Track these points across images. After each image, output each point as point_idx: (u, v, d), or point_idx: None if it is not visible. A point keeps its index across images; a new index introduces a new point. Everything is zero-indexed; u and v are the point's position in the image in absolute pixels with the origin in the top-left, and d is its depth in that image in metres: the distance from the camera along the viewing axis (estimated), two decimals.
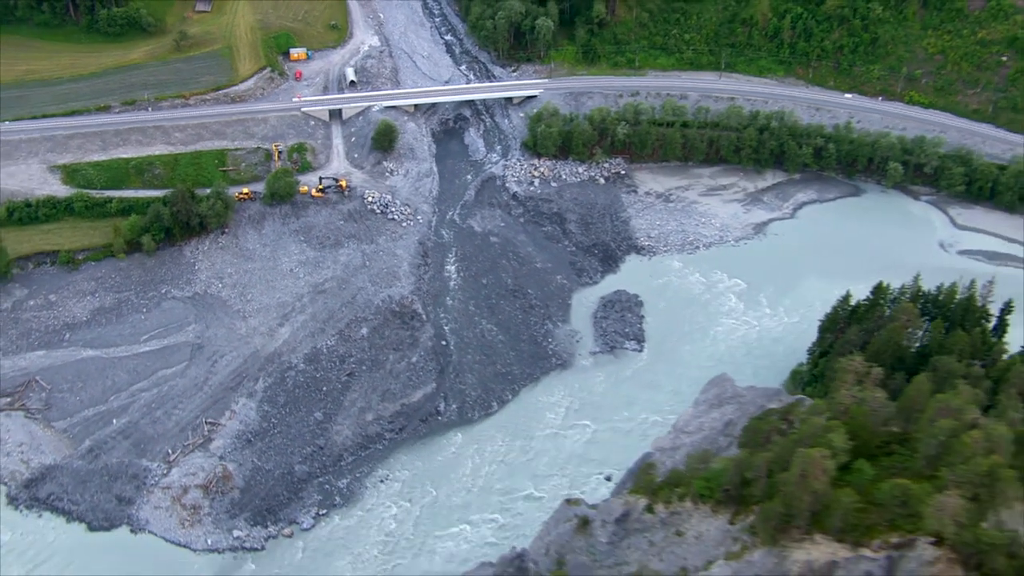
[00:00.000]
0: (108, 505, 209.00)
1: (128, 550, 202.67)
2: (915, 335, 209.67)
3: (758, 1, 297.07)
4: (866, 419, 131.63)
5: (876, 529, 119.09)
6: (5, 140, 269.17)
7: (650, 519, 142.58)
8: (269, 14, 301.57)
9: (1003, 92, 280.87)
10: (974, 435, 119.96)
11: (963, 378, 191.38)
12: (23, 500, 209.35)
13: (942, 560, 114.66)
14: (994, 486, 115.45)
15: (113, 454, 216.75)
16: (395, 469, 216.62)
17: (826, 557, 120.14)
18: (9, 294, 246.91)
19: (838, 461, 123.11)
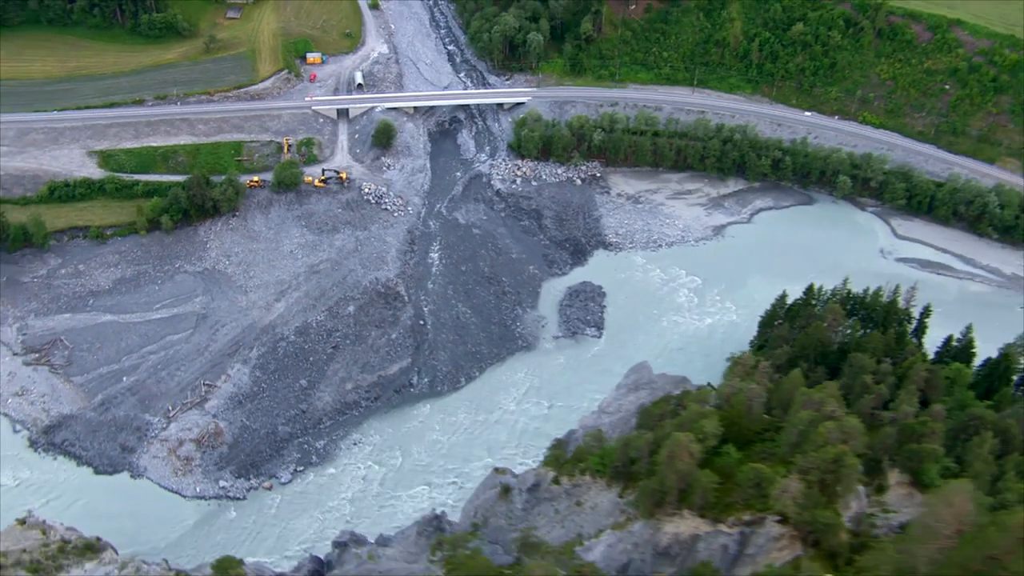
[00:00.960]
0: (113, 452, 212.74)
1: (127, 492, 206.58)
2: (841, 333, 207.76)
3: (731, 25, 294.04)
4: (743, 408, 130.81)
5: (733, 507, 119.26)
6: (53, 127, 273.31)
7: (556, 490, 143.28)
8: (291, 22, 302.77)
9: (944, 117, 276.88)
10: (828, 426, 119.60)
11: (872, 374, 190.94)
12: (41, 444, 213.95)
13: (786, 537, 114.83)
14: (839, 472, 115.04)
15: (121, 408, 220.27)
16: (368, 434, 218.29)
17: (691, 530, 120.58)
18: (44, 262, 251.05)
19: (707, 445, 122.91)
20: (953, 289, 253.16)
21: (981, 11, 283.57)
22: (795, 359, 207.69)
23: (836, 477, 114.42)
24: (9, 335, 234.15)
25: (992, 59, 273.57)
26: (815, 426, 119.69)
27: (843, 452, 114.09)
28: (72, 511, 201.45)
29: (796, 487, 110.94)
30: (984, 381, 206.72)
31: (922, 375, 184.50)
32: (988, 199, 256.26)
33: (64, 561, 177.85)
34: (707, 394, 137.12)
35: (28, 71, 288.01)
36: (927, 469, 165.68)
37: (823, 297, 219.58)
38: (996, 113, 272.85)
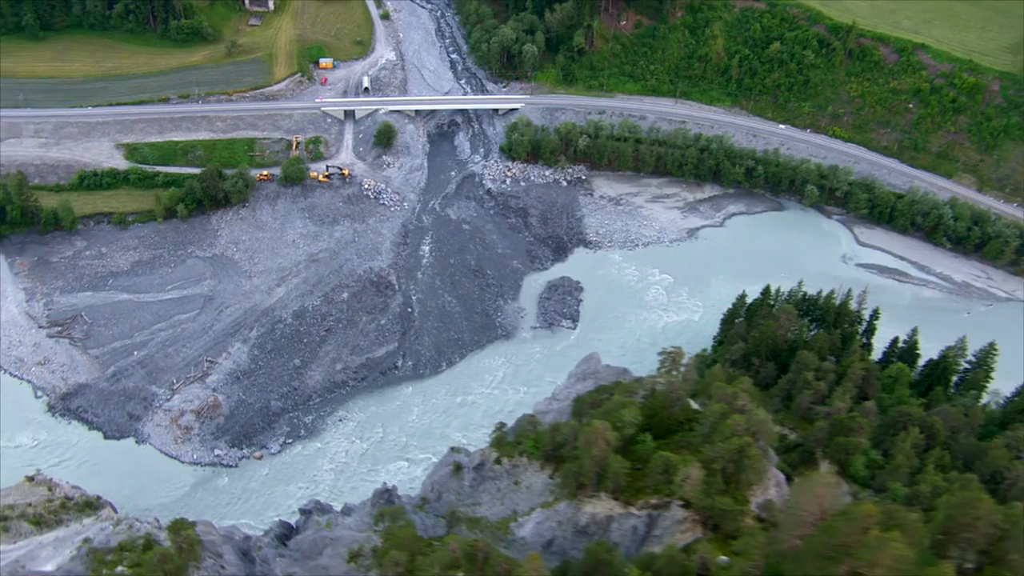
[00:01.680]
0: (121, 420, 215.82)
1: (131, 456, 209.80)
2: (793, 332, 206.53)
3: (714, 42, 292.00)
4: (663, 399, 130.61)
5: (644, 491, 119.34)
6: (86, 122, 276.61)
7: (499, 469, 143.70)
8: (307, 29, 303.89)
9: (907, 133, 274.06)
10: (736, 418, 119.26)
11: (815, 371, 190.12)
12: (58, 409, 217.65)
13: (688, 520, 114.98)
14: (742, 462, 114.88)
15: (131, 379, 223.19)
16: (353, 411, 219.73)
17: (606, 511, 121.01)
18: (72, 245, 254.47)
19: (625, 433, 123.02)
20: (907, 294, 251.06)
21: (944, 37, 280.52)
22: (749, 355, 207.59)
23: (739, 467, 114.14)
24: (37, 309, 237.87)
25: (952, 82, 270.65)
26: (725, 418, 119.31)
27: (747, 443, 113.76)
28: (81, 471, 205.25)
29: (697, 475, 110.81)
30: (925, 380, 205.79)
31: (859, 373, 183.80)
32: (943, 211, 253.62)
33: (65, 516, 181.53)
34: (635, 385, 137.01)
35: (69, 71, 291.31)
36: (853, 461, 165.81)
37: (780, 298, 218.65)
38: (954, 132, 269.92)
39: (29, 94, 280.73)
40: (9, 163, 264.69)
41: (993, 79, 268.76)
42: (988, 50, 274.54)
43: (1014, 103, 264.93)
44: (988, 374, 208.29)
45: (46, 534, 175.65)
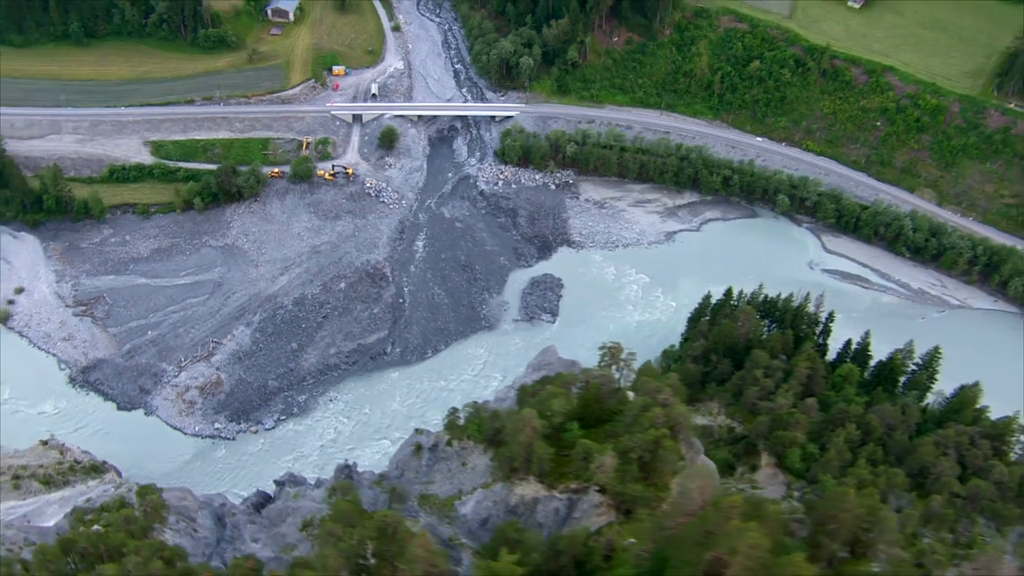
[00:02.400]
0: (133, 393, 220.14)
1: (140, 426, 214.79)
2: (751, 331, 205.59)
3: (699, 59, 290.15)
4: (597, 391, 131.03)
5: (566, 476, 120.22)
6: (119, 120, 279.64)
7: (449, 451, 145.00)
8: (324, 39, 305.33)
9: (875, 149, 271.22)
10: (657, 411, 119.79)
11: (765, 368, 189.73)
12: (78, 381, 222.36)
13: (604, 505, 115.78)
14: (657, 453, 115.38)
15: (143, 356, 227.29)
16: (342, 392, 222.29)
17: (532, 494, 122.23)
18: (99, 232, 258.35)
19: (554, 422, 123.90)
20: (867, 299, 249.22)
21: (910, 61, 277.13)
22: (708, 352, 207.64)
23: (654, 456, 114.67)
24: (65, 290, 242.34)
25: (917, 102, 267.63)
26: (646, 411, 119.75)
27: (662, 435, 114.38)
28: (94, 438, 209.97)
29: (610, 462, 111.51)
30: (874, 380, 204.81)
31: (804, 372, 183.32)
32: (904, 222, 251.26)
33: (72, 478, 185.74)
34: (574, 377, 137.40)
35: (107, 74, 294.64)
36: (789, 454, 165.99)
37: (743, 299, 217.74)
38: (918, 149, 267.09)
39: (70, 95, 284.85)
40: (49, 157, 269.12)
41: (954, 101, 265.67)
42: (951, 74, 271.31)
43: (972, 124, 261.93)
44: (932, 376, 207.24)
45: (53, 493, 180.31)
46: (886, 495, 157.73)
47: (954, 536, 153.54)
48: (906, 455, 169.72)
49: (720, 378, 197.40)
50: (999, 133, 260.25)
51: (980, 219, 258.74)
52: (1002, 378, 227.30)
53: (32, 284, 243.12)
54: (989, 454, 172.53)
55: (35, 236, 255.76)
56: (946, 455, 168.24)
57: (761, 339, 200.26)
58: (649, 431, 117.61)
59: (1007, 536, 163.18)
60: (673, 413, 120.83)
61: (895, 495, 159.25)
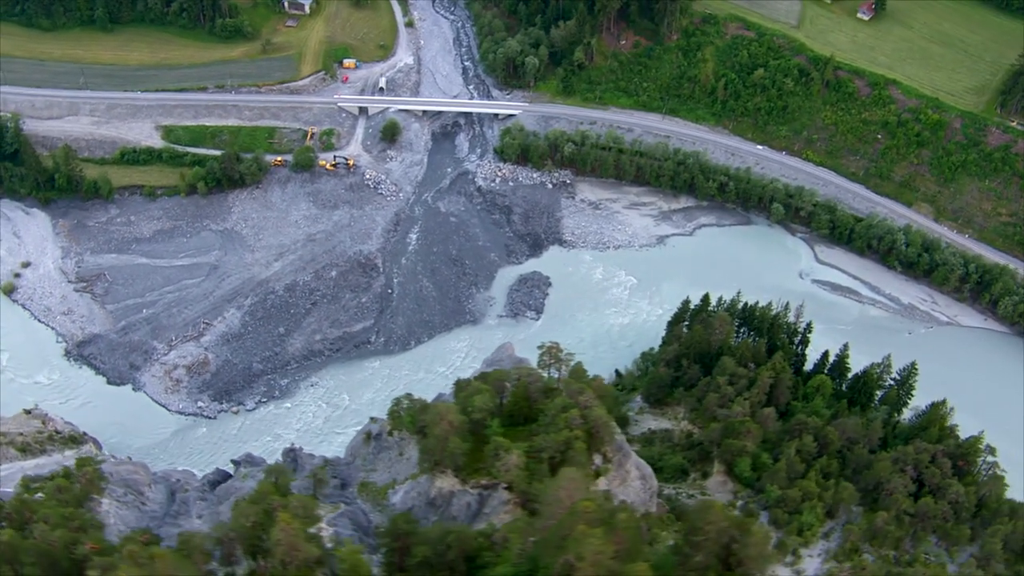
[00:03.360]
0: (123, 368, 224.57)
1: (127, 400, 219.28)
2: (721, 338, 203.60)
3: (704, 65, 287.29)
4: (525, 389, 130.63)
5: (480, 472, 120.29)
6: (134, 104, 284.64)
7: (391, 440, 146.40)
8: (337, 32, 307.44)
9: (874, 162, 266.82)
10: (573, 413, 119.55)
11: (730, 376, 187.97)
12: (73, 354, 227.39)
13: (511, 502, 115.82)
14: (567, 454, 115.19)
15: (137, 333, 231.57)
16: (324, 378, 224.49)
17: (449, 487, 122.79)
18: (107, 211, 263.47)
19: (473, 417, 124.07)
20: (855, 311, 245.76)
21: (915, 75, 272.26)
22: (679, 357, 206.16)
23: (564, 458, 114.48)
24: (69, 266, 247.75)
25: (918, 117, 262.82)
26: (564, 412, 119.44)
27: (572, 437, 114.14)
28: (82, 410, 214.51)
29: (516, 461, 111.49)
30: (849, 392, 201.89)
31: (767, 381, 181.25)
32: (896, 236, 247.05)
33: (50, 447, 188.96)
34: (505, 375, 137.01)
35: (127, 59, 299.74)
36: (738, 462, 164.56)
37: (722, 305, 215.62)
38: (917, 163, 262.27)
39: (90, 78, 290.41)
40: (66, 137, 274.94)
41: (955, 117, 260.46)
42: (954, 90, 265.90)
43: (973, 141, 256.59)
44: (909, 391, 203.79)
45: (28, 461, 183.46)
46: (834, 508, 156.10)
47: (896, 554, 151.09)
48: (864, 470, 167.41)
49: (689, 383, 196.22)
50: (999, 151, 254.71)
51: (976, 236, 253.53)
52: (984, 398, 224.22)
53: (39, 259, 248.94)
54: (949, 473, 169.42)
55: (46, 213, 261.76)
56: (903, 472, 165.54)
57: (731, 346, 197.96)
58: (562, 432, 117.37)
59: (956, 556, 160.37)
60: (591, 416, 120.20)
61: (844, 509, 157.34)
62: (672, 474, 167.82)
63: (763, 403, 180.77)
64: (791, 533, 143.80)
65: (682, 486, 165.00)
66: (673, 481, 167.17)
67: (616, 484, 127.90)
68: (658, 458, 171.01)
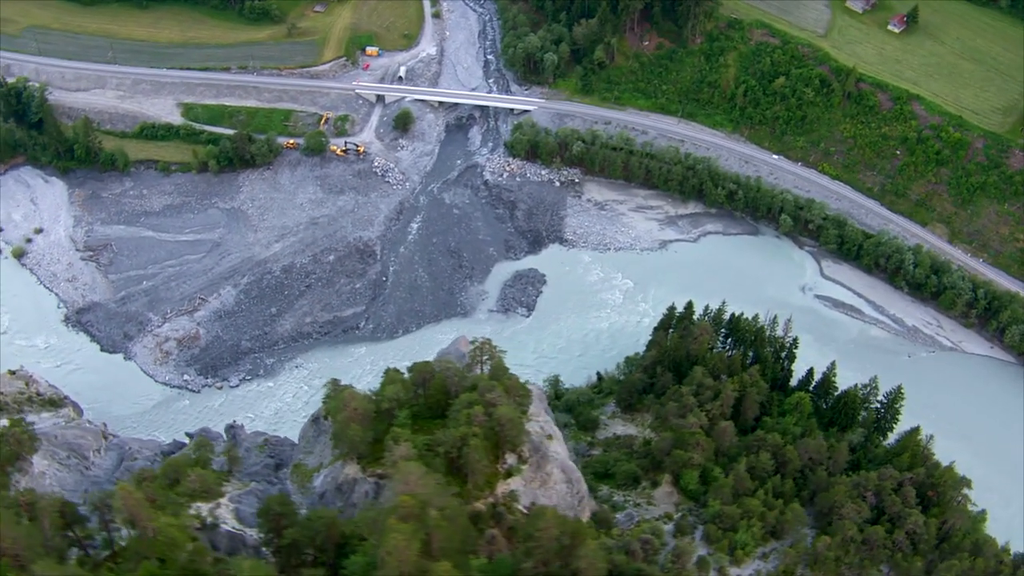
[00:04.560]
0: (117, 337, 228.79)
1: (117, 368, 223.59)
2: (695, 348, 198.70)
3: (726, 70, 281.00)
4: (443, 383, 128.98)
5: (379, 461, 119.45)
6: (159, 81, 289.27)
7: (327, 425, 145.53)
8: (363, 19, 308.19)
9: (891, 178, 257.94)
10: (477, 409, 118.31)
11: (697, 385, 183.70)
12: (72, 321, 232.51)
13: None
14: (463, 450, 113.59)
15: (134, 305, 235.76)
16: (309, 361, 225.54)
17: (353, 474, 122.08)
18: (121, 183, 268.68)
19: (382, 406, 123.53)
20: (855, 330, 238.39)
21: (941, 91, 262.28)
22: (656, 363, 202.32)
23: (459, 453, 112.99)
24: (79, 235, 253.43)
25: (939, 134, 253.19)
26: (469, 407, 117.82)
27: (468, 434, 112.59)
28: (72, 375, 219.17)
29: (404, 453, 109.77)
30: (830, 412, 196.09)
31: (731, 395, 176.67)
32: (905, 256, 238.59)
33: (27, 408, 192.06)
34: (428, 366, 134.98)
35: (157, 36, 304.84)
36: (684, 474, 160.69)
37: (710, 314, 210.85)
38: (935, 182, 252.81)
39: (120, 53, 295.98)
40: (90, 109, 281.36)
41: (978, 137, 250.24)
42: (981, 109, 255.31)
43: (994, 162, 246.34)
44: (895, 416, 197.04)
45: (3, 420, 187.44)
46: (778, 529, 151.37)
47: None
48: (820, 492, 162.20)
49: (660, 391, 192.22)
50: (1021, 175, 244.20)
51: (991, 261, 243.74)
52: (981, 428, 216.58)
53: (51, 226, 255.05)
54: (913, 502, 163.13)
55: (64, 182, 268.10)
56: (862, 498, 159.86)
57: (704, 356, 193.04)
58: (461, 428, 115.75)
59: None
60: (497, 414, 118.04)
61: (791, 531, 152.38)
62: (624, 481, 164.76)
63: (728, 416, 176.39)
64: (721, 550, 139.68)
65: (631, 494, 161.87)
66: (624, 488, 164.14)
67: (536, 486, 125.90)
68: (612, 464, 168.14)
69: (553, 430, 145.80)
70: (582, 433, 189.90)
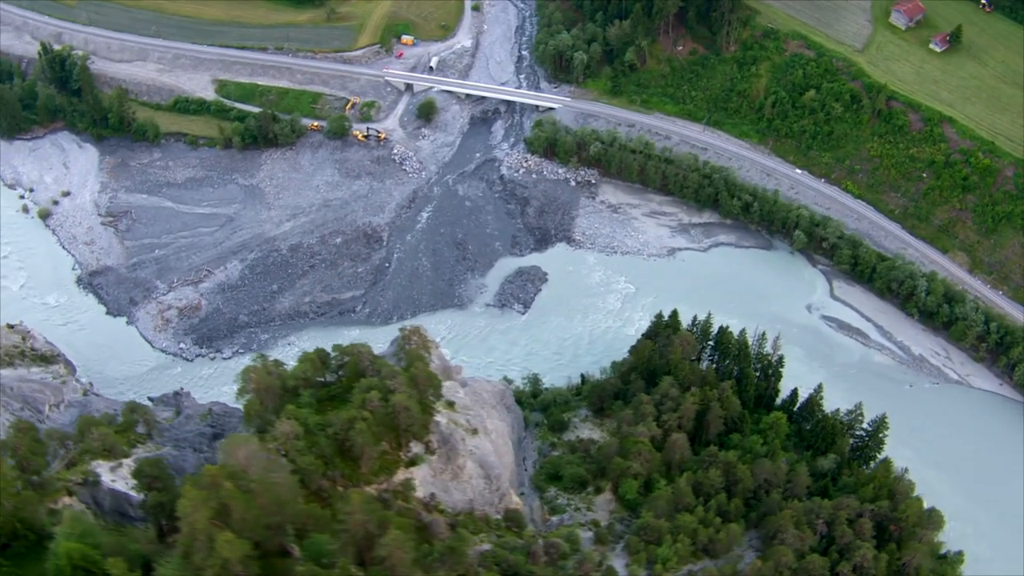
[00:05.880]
0: (123, 302, 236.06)
1: (118, 331, 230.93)
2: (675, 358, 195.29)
3: (757, 80, 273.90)
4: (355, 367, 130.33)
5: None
6: (197, 57, 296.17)
7: None
8: (402, 8, 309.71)
9: (915, 201, 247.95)
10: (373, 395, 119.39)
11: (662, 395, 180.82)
12: (84, 282, 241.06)
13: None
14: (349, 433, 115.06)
15: (144, 272, 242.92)
16: (302, 339, 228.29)
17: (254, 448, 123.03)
18: (149, 154, 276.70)
19: (288, 384, 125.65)
20: (857, 354, 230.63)
21: (975, 115, 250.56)
22: (632, 369, 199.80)
23: (346, 436, 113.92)
24: (103, 200, 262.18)
25: (969, 159, 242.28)
26: (367, 391, 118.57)
27: (356, 418, 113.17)
28: (75, 334, 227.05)
29: (287, 430, 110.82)
30: (810, 436, 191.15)
31: (691, 408, 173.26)
32: (918, 282, 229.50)
33: (18, 361, 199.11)
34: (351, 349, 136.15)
35: (204, 13, 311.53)
36: (623, 483, 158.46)
37: (698, 325, 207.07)
38: (959, 209, 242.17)
39: (165, 28, 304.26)
40: (130, 80, 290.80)
41: (1008, 164, 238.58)
42: (1016, 136, 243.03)
43: (1023, 192, 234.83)
44: (879, 444, 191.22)
45: None
46: (712, 548, 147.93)
47: None
48: (768, 515, 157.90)
49: (630, 397, 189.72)
50: None
51: (1011, 295, 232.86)
52: (976, 466, 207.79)
53: (79, 190, 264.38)
54: (869, 535, 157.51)
55: (97, 149, 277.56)
56: (811, 526, 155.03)
57: (675, 367, 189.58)
58: (351, 410, 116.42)
59: None
60: (392, 401, 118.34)
61: (723, 550, 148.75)
62: (571, 484, 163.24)
63: (689, 429, 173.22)
64: (639, 563, 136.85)
65: (575, 498, 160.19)
66: (570, 491, 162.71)
67: (448, 478, 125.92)
68: (563, 466, 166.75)
69: (492, 426, 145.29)
70: (550, 434, 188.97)
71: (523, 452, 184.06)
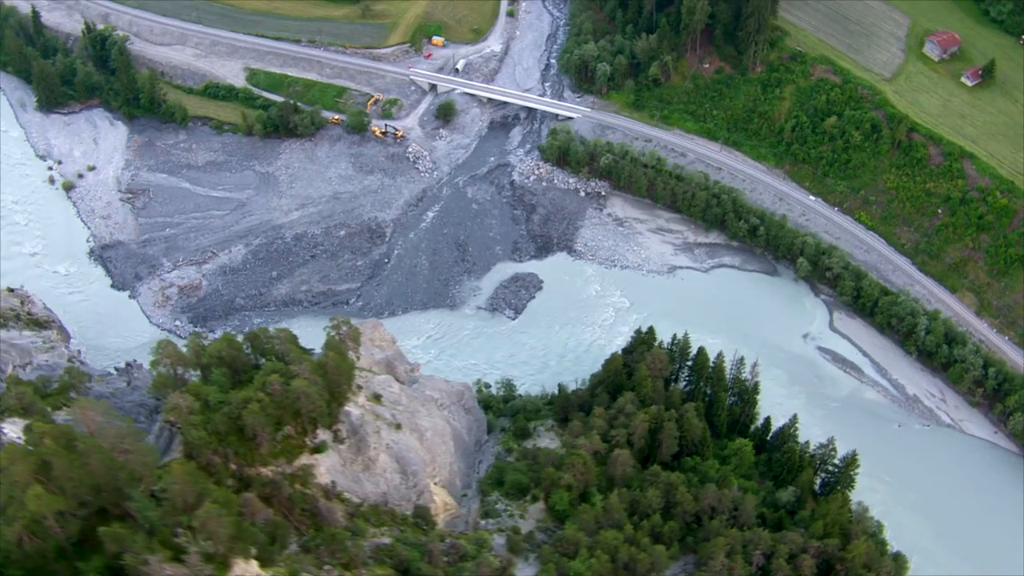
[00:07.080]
0: (128, 276, 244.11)
1: (121, 304, 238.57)
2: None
3: (779, 103, 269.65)
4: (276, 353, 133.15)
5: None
6: (233, 45, 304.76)
7: None
8: (436, 9, 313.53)
9: (927, 237, 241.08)
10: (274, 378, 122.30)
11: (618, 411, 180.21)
12: (96, 254, 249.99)
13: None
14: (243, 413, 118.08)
15: (152, 249, 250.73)
16: (292, 326, 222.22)
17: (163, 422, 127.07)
18: (175, 135, 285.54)
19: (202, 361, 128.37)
20: (847, 389, 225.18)
21: (999, 151, 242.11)
22: (600, 383, 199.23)
23: (239, 415, 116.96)
24: (125, 177, 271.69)
25: (986, 197, 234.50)
26: (270, 375, 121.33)
27: (249, 398, 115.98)
28: (78, 304, 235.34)
29: (182, 405, 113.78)
30: (777, 466, 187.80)
31: (643, 426, 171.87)
32: (919, 320, 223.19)
33: (13, 324, 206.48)
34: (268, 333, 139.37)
35: (243, 2, 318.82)
36: (554, 494, 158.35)
37: (678, 344, 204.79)
38: (972, 248, 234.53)
39: (206, 15, 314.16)
40: (167, 63, 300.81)
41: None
42: None
43: None
44: (849, 482, 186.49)
45: None
46: (632, 568, 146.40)
47: None
48: (706, 541, 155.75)
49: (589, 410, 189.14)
50: None
51: (1017, 341, 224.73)
52: (958, 516, 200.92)
53: (104, 166, 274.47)
54: (810, 572, 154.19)
55: (127, 127, 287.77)
56: (747, 558, 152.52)
57: (637, 383, 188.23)
58: (249, 390, 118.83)
59: None
60: (292, 386, 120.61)
61: (643, 572, 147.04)
62: (512, 490, 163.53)
63: (643, 448, 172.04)
64: (547, 573, 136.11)
65: (512, 504, 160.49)
66: (510, 497, 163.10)
67: (358, 468, 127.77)
68: (506, 472, 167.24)
69: (428, 424, 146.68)
70: (512, 440, 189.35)
71: (481, 455, 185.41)
